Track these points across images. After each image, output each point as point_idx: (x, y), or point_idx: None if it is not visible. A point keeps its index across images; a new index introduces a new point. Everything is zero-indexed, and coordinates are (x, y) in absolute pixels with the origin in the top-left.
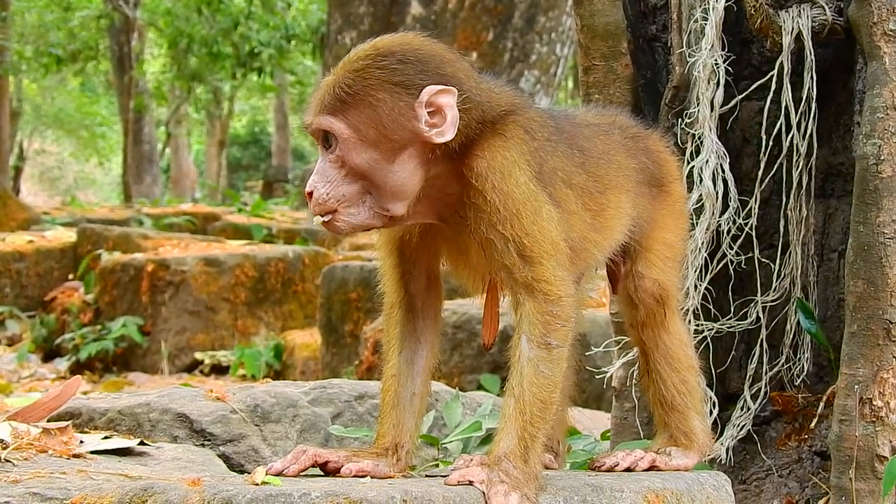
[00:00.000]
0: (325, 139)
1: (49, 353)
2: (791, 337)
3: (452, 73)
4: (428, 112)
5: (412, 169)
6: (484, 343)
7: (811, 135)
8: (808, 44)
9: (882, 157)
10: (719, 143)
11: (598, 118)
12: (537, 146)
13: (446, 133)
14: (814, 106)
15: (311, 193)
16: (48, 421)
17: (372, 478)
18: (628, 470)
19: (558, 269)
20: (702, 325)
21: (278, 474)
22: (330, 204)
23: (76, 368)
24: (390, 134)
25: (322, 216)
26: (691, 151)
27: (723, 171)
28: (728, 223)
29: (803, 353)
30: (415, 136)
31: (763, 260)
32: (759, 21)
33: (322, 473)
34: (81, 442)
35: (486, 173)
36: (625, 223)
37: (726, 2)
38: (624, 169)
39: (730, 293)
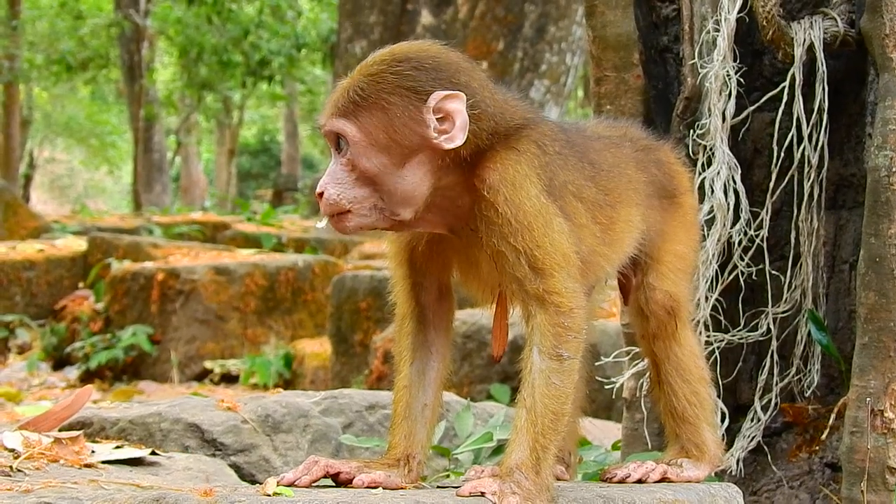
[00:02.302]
0: (337, 142)
1: (59, 361)
2: (802, 348)
3: (466, 82)
4: (437, 118)
5: (421, 176)
6: (494, 355)
7: (823, 146)
8: (820, 55)
9: (894, 169)
10: (731, 155)
11: (609, 130)
12: (548, 160)
13: (455, 139)
14: (825, 117)
15: (321, 194)
16: (60, 430)
17: (384, 489)
18: (640, 481)
19: (569, 281)
20: (712, 336)
21: (290, 485)
22: (342, 205)
23: (86, 377)
24: (400, 139)
25: (331, 216)
26: (703, 162)
27: (734, 182)
28: (739, 234)
29: (814, 364)
30: (424, 142)
31: (774, 271)
32: (770, 32)
33: (334, 484)
34: (93, 452)
35: (497, 185)
36: (635, 236)
37: (738, 13)
38: (634, 182)
39: (740, 304)
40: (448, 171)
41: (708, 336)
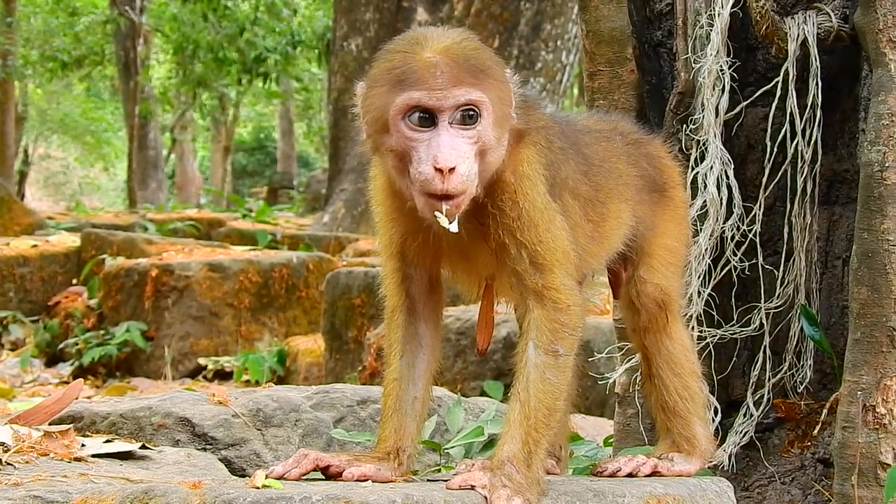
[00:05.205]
0: (467, 113)
1: (52, 357)
2: (794, 344)
3: None
4: None
5: (499, 154)
6: (478, 348)
7: (816, 141)
8: (814, 50)
9: (887, 164)
10: (724, 150)
11: (599, 124)
12: (554, 158)
13: (514, 115)
14: (819, 113)
15: (452, 170)
16: (50, 424)
17: (373, 482)
18: (630, 475)
19: (567, 279)
20: (705, 331)
21: (280, 478)
22: (470, 182)
23: (79, 373)
24: (507, 111)
25: (453, 198)
26: (696, 157)
27: (727, 177)
28: (732, 229)
29: (806, 359)
30: (509, 117)
31: (767, 266)
32: (764, 27)
33: (324, 477)
34: (83, 445)
35: (517, 178)
36: (623, 232)
37: (732, 8)
38: (624, 177)
39: (733, 300)
40: None
41: (700, 331)
